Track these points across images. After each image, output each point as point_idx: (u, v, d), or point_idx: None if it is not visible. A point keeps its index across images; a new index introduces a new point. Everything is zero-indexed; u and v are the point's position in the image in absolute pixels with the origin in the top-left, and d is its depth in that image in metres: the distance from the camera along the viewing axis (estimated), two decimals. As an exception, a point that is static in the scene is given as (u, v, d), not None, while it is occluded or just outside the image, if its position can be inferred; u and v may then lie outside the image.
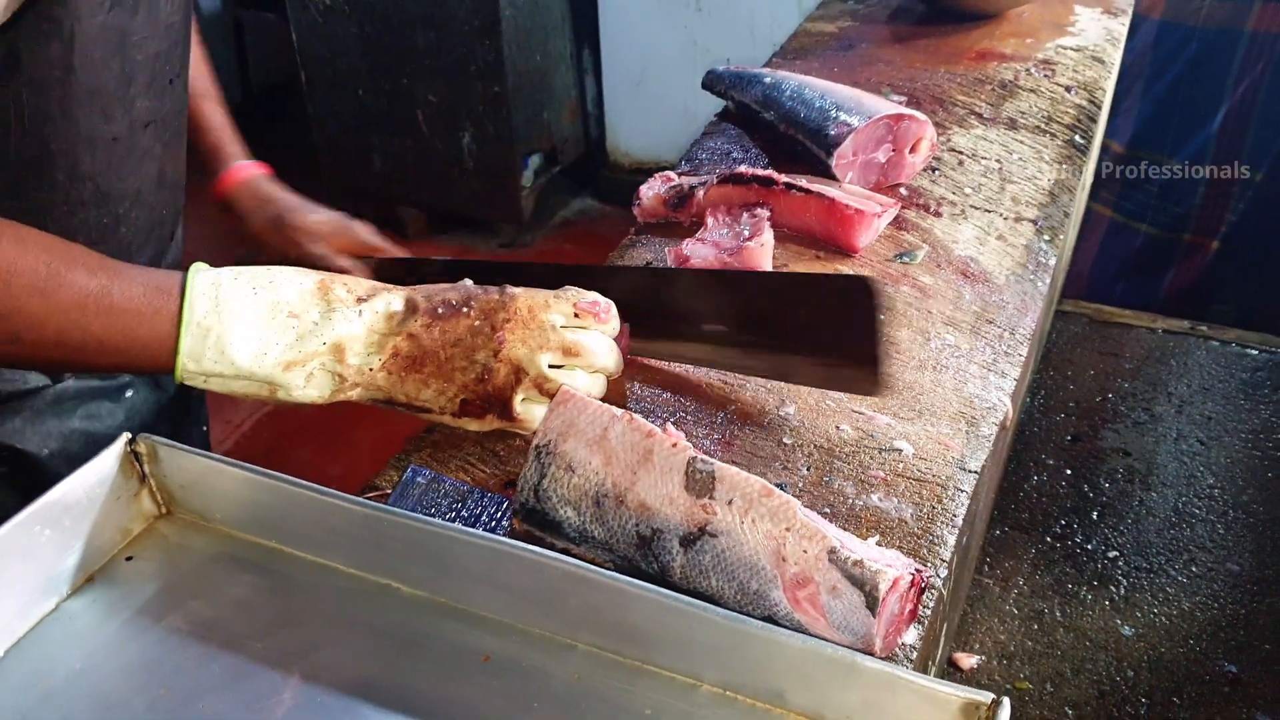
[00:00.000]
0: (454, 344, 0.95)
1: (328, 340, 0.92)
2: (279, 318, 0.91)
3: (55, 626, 0.89)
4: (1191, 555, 1.46)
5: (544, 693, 0.82)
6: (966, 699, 0.72)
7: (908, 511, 0.98)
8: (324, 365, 0.92)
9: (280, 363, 0.91)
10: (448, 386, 0.95)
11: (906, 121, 1.42)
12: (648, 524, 0.86)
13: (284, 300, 0.92)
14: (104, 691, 0.83)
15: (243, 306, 0.91)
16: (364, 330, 0.93)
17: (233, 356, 0.90)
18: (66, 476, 0.91)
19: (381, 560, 0.90)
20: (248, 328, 0.90)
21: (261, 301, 0.91)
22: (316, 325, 0.92)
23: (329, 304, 0.93)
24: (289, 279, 0.93)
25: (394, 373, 0.94)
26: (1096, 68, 1.81)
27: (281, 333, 0.91)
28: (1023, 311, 1.31)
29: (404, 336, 0.94)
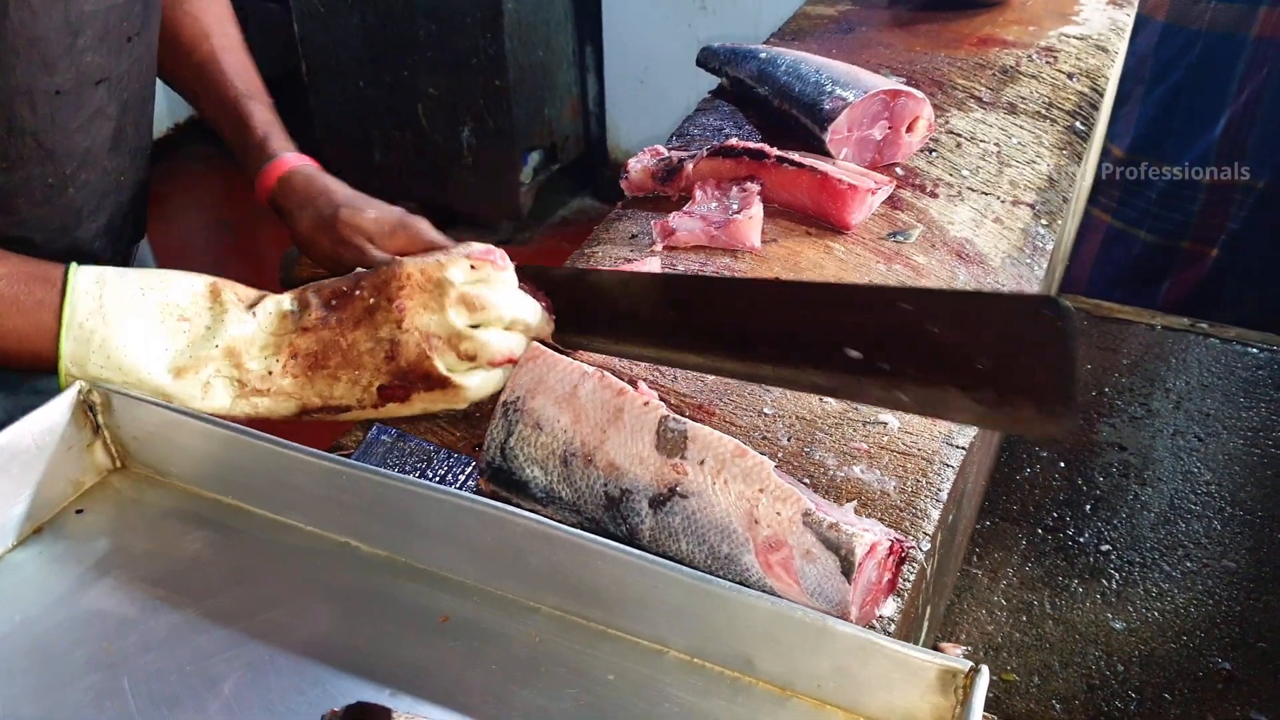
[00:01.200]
0: (354, 326, 0.90)
1: (221, 344, 0.88)
2: (169, 321, 0.87)
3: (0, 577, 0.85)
4: (1186, 551, 1.42)
5: (503, 655, 0.78)
6: (943, 666, 0.69)
7: (890, 484, 0.94)
8: (220, 371, 0.89)
9: (172, 369, 0.87)
10: (360, 375, 0.91)
11: (904, 98, 1.38)
12: (616, 484, 0.82)
13: (174, 302, 0.88)
14: (45, 644, 0.80)
15: (130, 308, 0.86)
16: (257, 331, 0.89)
17: (119, 362, 0.86)
18: None
19: (341, 518, 0.87)
20: (136, 331, 0.86)
21: (150, 303, 0.87)
22: (209, 329, 0.88)
23: (221, 306, 0.89)
24: (179, 280, 0.89)
25: (299, 375, 0.90)
26: (1100, 56, 1.78)
27: (172, 337, 0.87)
28: (1018, 294, 1.27)
29: (299, 333, 0.90)
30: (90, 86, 1.04)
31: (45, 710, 0.75)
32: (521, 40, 3.73)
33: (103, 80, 1.05)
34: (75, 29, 0.99)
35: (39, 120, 1.01)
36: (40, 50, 0.97)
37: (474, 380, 0.92)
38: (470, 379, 0.92)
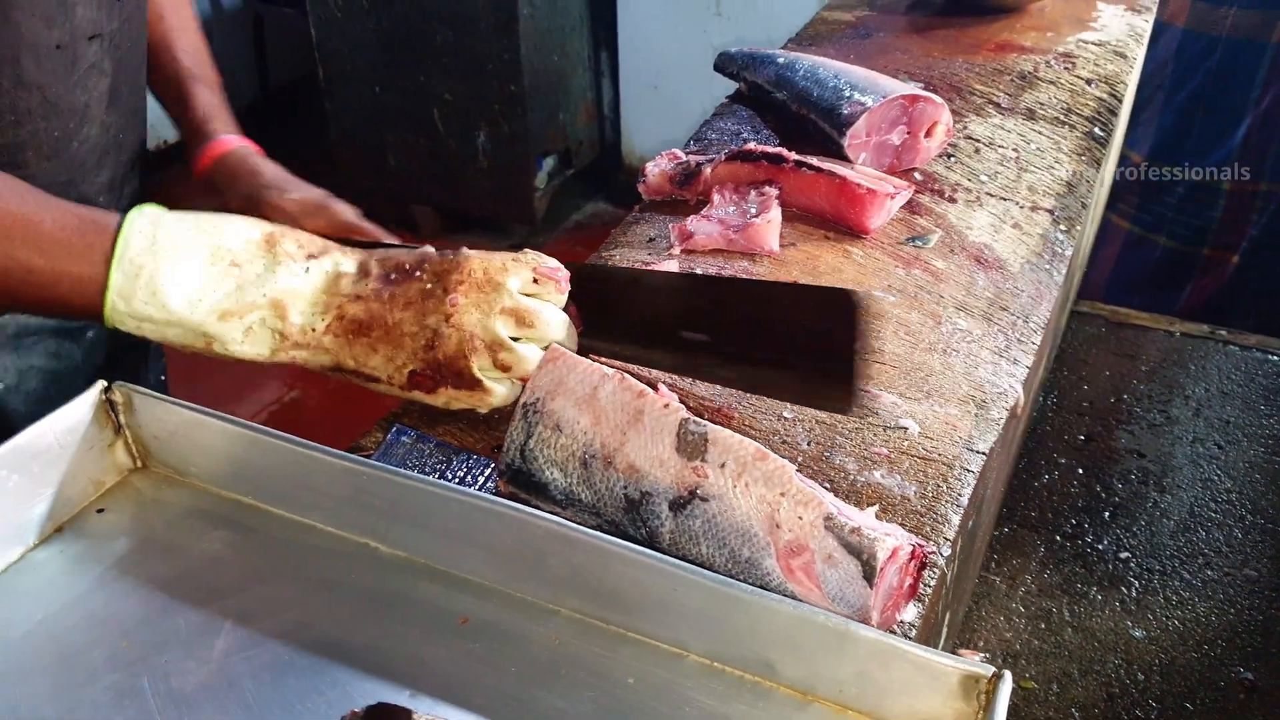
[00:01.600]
0: (404, 307, 0.90)
1: (269, 294, 0.87)
2: (220, 265, 0.87)
3: (20, 575, 0.86)
4: (1207, 559, 1.41)
5: (523, 657, 0.78)
6: (966, 671, 0.68)
7: (911, 489, 0.94)
8: (264, 320, 0.88)
9: (216, 311, 0.87)
10: (396, 354, 0.90)
11: (922, 103, 1.38)
12: (636, 487, 0.82)
13: (227, 247, 0.87)
14: (65, 642, 0.80)
15: (181, 247, 0.86)
16: (309, 288, 0.89)
17: (165, 299, 0.86)
18: (24, 412, 0.88)
19: (361, 518, 0.87)
20: (184, 269, 0.86)
21: (203, 244, 0.87)
22: (259, 277, 0.87)
23: (275, 257, 0.88)
24: (236, 227, 0.89)
25: (340, 335, 0.90)
26: (1118, 62, 1.77)
27: (220, 280, 0.87)
28: (1037, 300, 1.27)
29: (352, 299, 0.89)
30: (84, 41, 1.07)
31: (65, 708, 0.75)
32: (537, 45, 3.74)
33: (95, 36, 1.08)
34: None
35: (43, 74, 1.04)
36: (39, 5, 1.00)
37: (502, 389, 0.92)
38: (499, 386, 0.92)
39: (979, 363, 1.12)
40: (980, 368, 1.11)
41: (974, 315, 1.20)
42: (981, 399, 1.07)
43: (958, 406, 1.05)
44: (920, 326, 1.16)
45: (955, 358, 1.12)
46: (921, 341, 1.13)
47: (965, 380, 1.09)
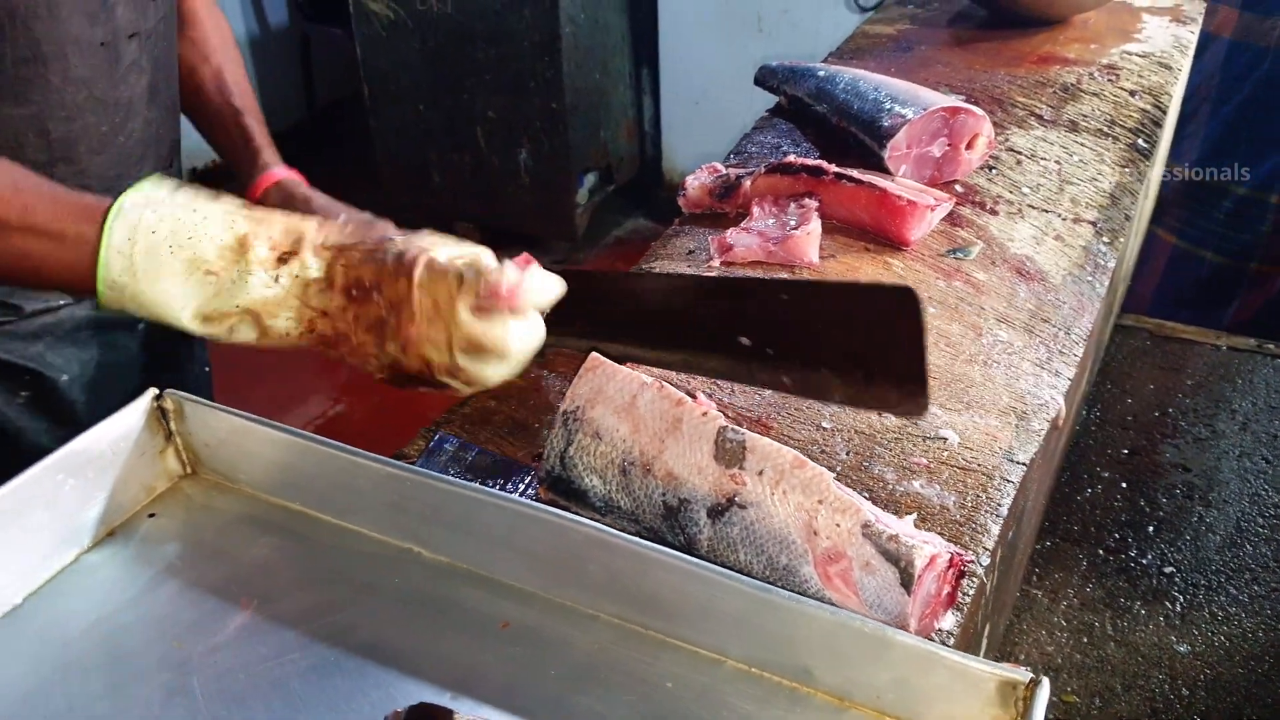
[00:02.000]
0: (366, 330, 0.89)
1: (242, 303, 0.88)
2: (196, 274, 0.88)
3: (74, 577, 0.88)
4: (1254, 574, 1.40)
5: (563, 661, 0.79)
6: (1004, 678, 0.69)
7: (950, 499, 0.94)
8: (244, 322, 0.89)
9: (198, 316, 0.88)
10: (365, 364, 0.91)
11: (963, 115, 1.38)
12: (675, 494, 0.83)
13: (201, 258, 0.88)
14: (117, 642, 0.82)
15: (160, 265, 0.87)
16: (281, 295, 0.89)
17: (151, 312, 0.88)
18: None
19: (404, 524, 0.88)
20: (163, 286, 0.87)
21: (178, 259, 0.88)
22: (233, 284, 0.88)
23: (246, 263, 0.88)
24: (209, 233, 0.89)
25: (314, 344, 0.90)
26: (1163, 73, 1.76)
27: (198, 288, 0.88)
28: (1079, 312, 1.26)
29: (320, 314, 0.90)
30: (125, 40, 1.13)
31: (117, 706, 0.77)
32: (578, 63, 3.77)
33: (134, 34, 1.14)
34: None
35: (89, 70, 1.10)
36: (83, 3, 1.07)
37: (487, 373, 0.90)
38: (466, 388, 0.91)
39: (1020, 374, 1.12)
40: (1021, 379, 1.11)
41: (1015, 327, 1.20)
42: (1022, 410, 1.07)
43: (998, 418, 1.05)
44: (961, 338, 1.16)
45: (996, 369, 1.12)
46: (962, 353, 1.14)
47: (1006, 392, 1.09)
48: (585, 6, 3.73)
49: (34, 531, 0.86)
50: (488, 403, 1.05)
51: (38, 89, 1.08)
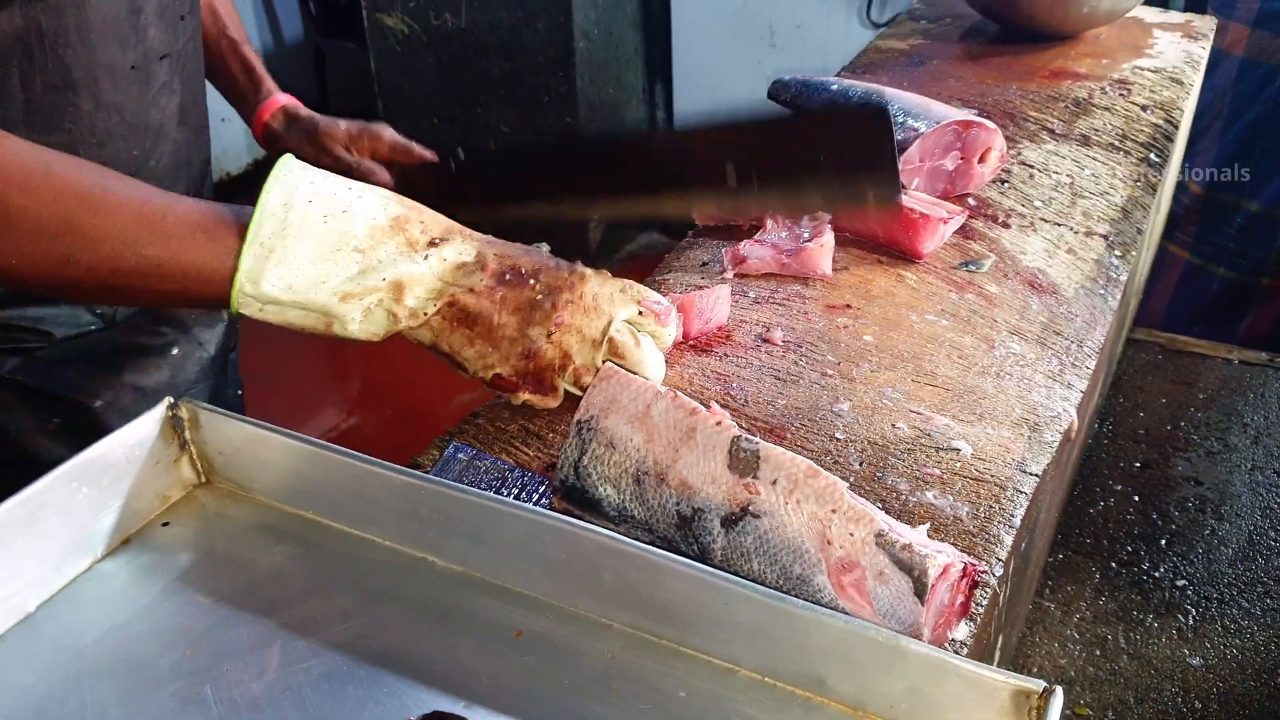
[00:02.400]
0: (512, 311, 0.93)
1: (389, 278, 0.90)
2: (344, 250, 0.89)
3: (88, 585, 0.88)
4: (1266, 587, 1.39)
5: (576, 670, 0.79)
6: (1017, 686, 0.68)
7: (963, 510, 0.94)
8: (381, 302, 0.91)
9: (338, 293, 0.89)
10: (490, 353, 0.94)
11: (975, 129, 1.39)
12: (689, 503, 0.83)
13: (352, 233, 0.90)
14: (131, 650, 0.82)
15: (311, 232, 0.88)
16: (428, 274, 0.92)
17: (291, 281, 0.88)
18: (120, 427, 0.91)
19: (418, 533, 0.88)
20: (311, 253, 0.88)
21: (330, 230, 0.89)
22: (381, 263, 0.90)
23: (398, 243, 0.91)
24: (363, 211, 0.91)
25: (446, 321, 0.93)
26: (1174, 88, 1.77)
27: (345, 264, 0.89)
28: (1092, 325, 1.26)
29: (466, 290, 0.93)
30: (156, 62, 1.13)
31: (131, 713, 0.77)
32: (592, 78, 3.79)
33: (165, 56, 1.14)
34: (138, 6, 1.08)
35: (120, 95, 1.09)
36: (114, 28, 1.06)
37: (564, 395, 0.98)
38: (577, 391, 0.97)
39: (1032, 386, 1.12)
40: (1034, 391, 1.11)
41: (1028, 339, 1.20)
42: (1035, 422, 1.07)
43: (1011, 429, 1.05)
44: (973, 350, 1.16)
45: (1009, 381, 1.12)
46: (975, 365, 1.14)
47: (1019, 403, 1.09)
48: (599, 21, 3.75)
49: (48, 539, 0.86)
50: (502, 413, 1.06)
51: (69, 116, 1.07)
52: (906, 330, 1.18)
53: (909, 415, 1.05)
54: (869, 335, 1.16)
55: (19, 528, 0.84)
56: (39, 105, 1.05)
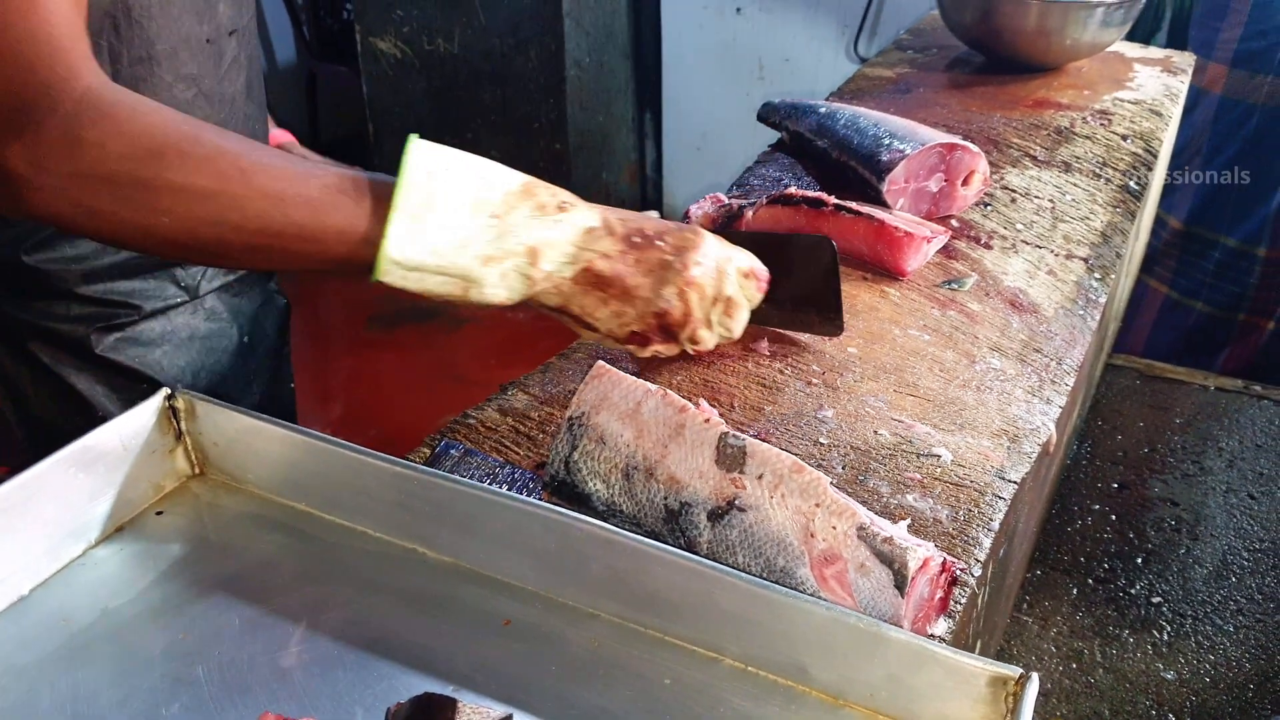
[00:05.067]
0: (646, 273, 0.98)
1: (525, 241, 0.93)
2: (481, 215, 0.92)
3: (82, 570, 0.89)
4: (1239, 606, 1.42)
5: (563, 658, 0.81)
6: (994, 673, 0.70)
7: (943, 513, 0.96)
8: (517, 266, 0.94)
9: (480, 257, 0.92)
10: (625, 312, 0.99)
11: (959, 152, 1.42)
12: (676, 497, 0.85)
13: (487, 199, 0.92)
14: (124, 633, 0.83)
15: (453, 201, 0.91)
16: (562, 239, 0.95)
17: (438, 247, 0.90)
18: None
19: (409, 524, 0.90)
20: (456, 219, 0.91)
21: (470, 198, 0.92)
22: (517, 226, 0.93)
23: (531, 207, 0.94)
24: (497, 179, 0.94)
25: (580, 285, 0.97)
26: (1154, 119, 1.81)
27: (485, 228, 0.92)
28: (1071, 344, 1.29)
29: (600, 255, 0.96)
30: (226, 36, 1.17)
31: (125, 693, 0.78)
32: (582, 106, 3.83)
33: (234, 31, 1.18)
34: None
35: (198, 67, 1.14)
36: (191, 1, 1.10)
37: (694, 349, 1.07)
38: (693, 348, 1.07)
39: (1012, 400, 1.14)
40: (1013, 405, 1.14)
41: (1008, 356, 1.22)
42: (1014, 434, 1.09)
43: (991, 439, 1.07)
44: (955, 364, 1.18)
45: (989, 395, 1.14)
46: (956, 378, 1.16)
47: (999, 416, 1.11)
48: (590, 50, 3.79)
49: (43, 524, 0.88)
50: (492, 414, 1.08)
51: (151, 87, 1.10)
52: (890, 344, 1.20)
53: (891, 423, 1.07)
54: (853, 347, 1.19)
55: (15, 511, 0.85)
56: (126, 78, 1.08)
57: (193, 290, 1.29)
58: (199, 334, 1.30)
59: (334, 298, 3.99)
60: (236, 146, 0.89)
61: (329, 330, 4.01)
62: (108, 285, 1.23)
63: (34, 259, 1.19)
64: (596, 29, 3.80)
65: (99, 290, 1.23)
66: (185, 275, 1.28)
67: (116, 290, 1.23)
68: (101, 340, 1.24)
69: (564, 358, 1.19)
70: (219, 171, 0.87)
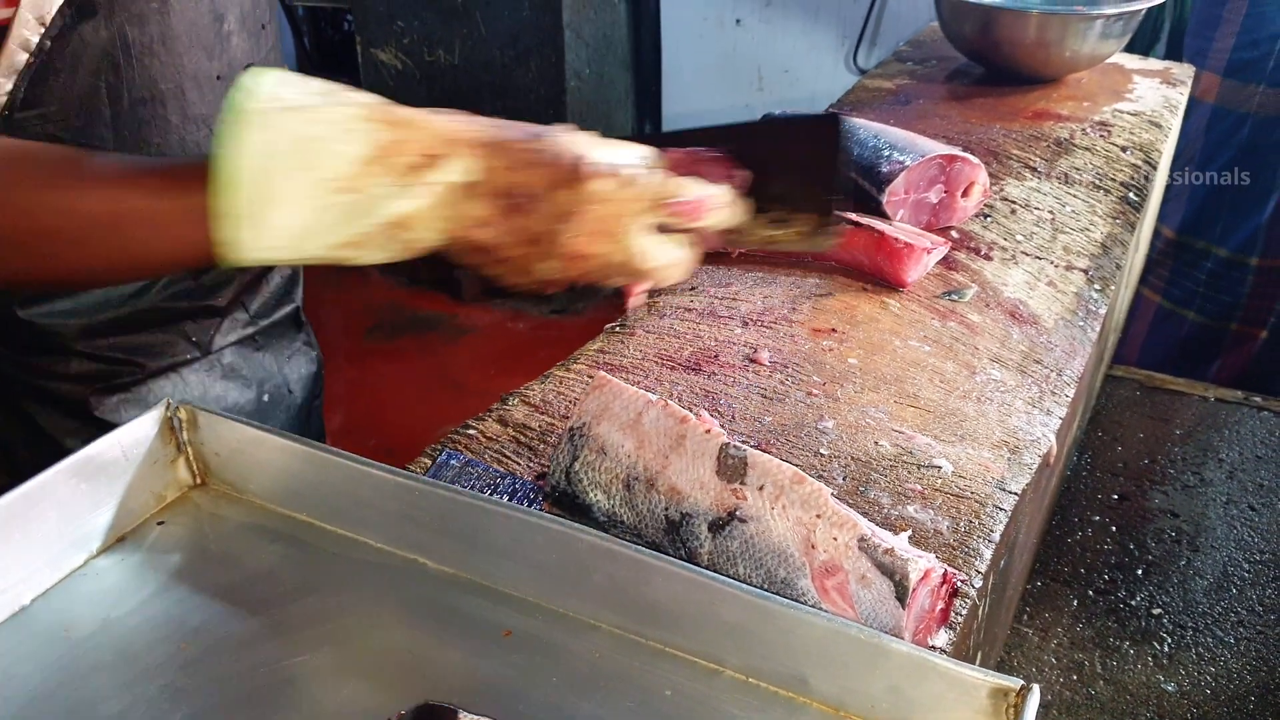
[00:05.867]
0: (523, 245, 0.81)
1: (384, 218, 0.78)
2: (321, 197, 0.76)
3: (83, 581, 0.89)
4: (1240, 618, 1.41)
5: (563, 669, 0.81)
6: (995, 684, 0.70)
7: (944, 524, 0.96)
8: (385, 239, 0.79)
9: (327, 245, 0.78)
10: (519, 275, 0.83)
11: (959, 163, 1.42)
12: (677, 508, 0.85)
13: (329, 176, 0.76)
14: (125, 643, 0.83)
15: (290, 191, 0.75)
16: (426, 210, 0.79)
17: (275, 242, 0.76)
18: None
19: (411, 535, 0.90)
20: (295, 212, 0.76)
21: (311, 180, 0.76)
22: (374, 201, 0.77)
23: (388, 175, 0.77)
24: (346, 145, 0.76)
25: (461, 250, 0.81)
26: (1153, 131, 1.81)
27: (333, 213, 0.77)
28: (1071, 355, 1.29)
29: (476, 224, 0.80)
30: (240, 71, 1.06)
31: (125, 704, 0.78)
32: (583, 117, 3.83)
33: (249, 65, 1.10)
34: (220, 14, 1.07)
35: (206, 106, 1.08)
36: (198, 36, 1.05)
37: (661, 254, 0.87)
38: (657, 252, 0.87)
39: (1013, 411, 1.15)
40: (1014, 416, 1.14)
41: (1008, 367, 1.23)
42: (1015, 445, 1.09)
43: (991, 450, 1.07)
44: (955, 375, 1.19)
45: (989, 406, 1.15)
46: (956, 389, 1.16)
47: (999, 427, 1.11)
48: (590, 61, 3.80)
49: (44, 534, 0.87)
50: (493, 424, 1.08)
51: (157, 129, 1.04)
52: (890, 355, 1.20)
53: (892, 434, 1.07)
54: (853, 358, 1.19)
55: (16, 522, 0.85)
56: (126, 119, 1.02)
57: (204, 345, 1.21)
58: (211, 394, 1.23)
59: (333, 308, 3.98)
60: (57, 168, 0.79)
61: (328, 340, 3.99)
62: (109, 341, 1.16)
63: (29, 313, 1.12)
64: (596, 40, 3.81)
65: (99, 347, 1.16)
66: (195, 329, 1.20)
67: (119, 346, 1.17)
68: (102, 402, 1.17)
69: (564, 367, 1.19)
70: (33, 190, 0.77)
